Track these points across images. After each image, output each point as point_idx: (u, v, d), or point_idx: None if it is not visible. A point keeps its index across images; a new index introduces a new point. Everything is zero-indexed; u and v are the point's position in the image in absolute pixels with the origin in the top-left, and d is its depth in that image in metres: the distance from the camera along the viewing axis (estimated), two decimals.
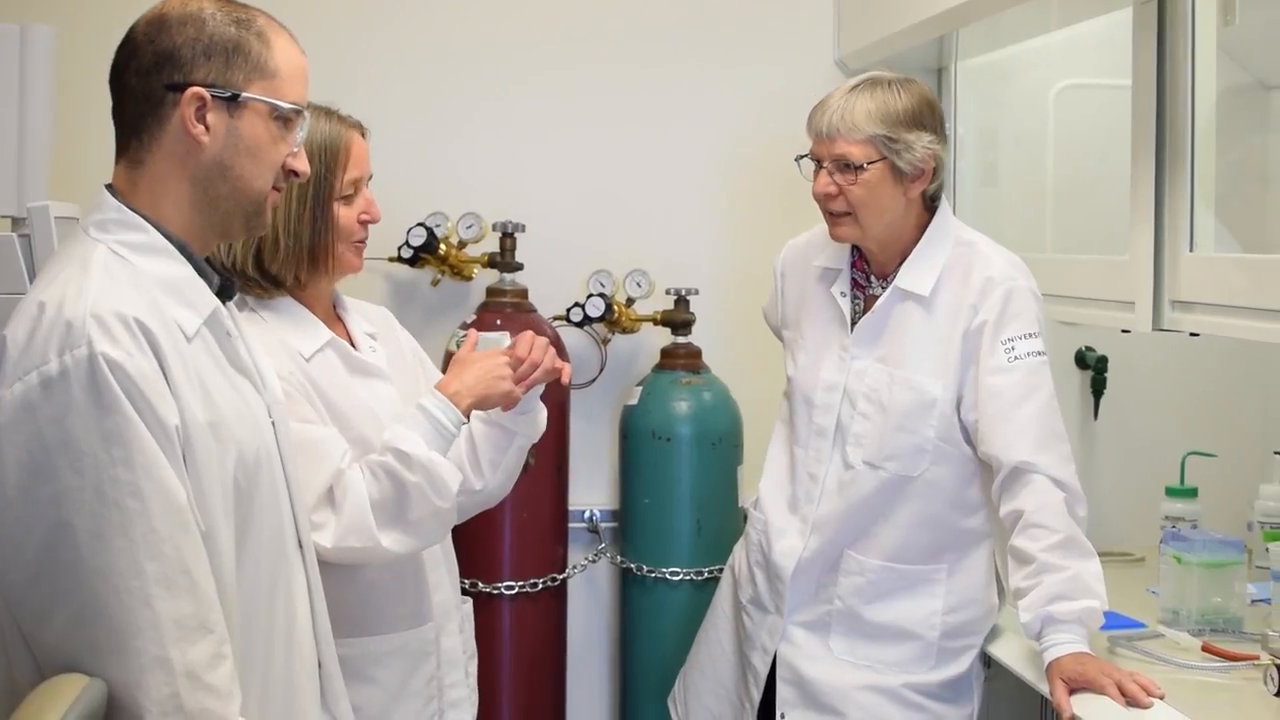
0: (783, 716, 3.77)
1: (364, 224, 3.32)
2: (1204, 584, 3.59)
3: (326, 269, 3.30)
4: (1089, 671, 3.22)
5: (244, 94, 2.43)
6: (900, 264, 3.68)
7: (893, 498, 3.66)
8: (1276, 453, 3.93)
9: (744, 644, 3.90)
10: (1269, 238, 3.81)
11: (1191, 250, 3.48)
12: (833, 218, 3.64)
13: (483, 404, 3.31)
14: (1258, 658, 3.31)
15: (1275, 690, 3.12)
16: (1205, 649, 3.44)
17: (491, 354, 3.35)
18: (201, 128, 2.41)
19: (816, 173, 3.63)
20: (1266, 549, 3.72)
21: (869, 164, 3.56)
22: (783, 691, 3.77)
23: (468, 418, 3.28)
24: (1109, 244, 3.84)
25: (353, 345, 3.40)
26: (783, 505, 3.83)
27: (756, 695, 3.84)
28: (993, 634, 3.70)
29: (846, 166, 3.58)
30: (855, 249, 3.77)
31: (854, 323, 3.73)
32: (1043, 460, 3.47)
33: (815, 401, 3.76)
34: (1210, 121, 3.57)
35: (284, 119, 2.49)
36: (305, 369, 3.26)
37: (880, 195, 3.59)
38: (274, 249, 3.26)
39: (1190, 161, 3.50)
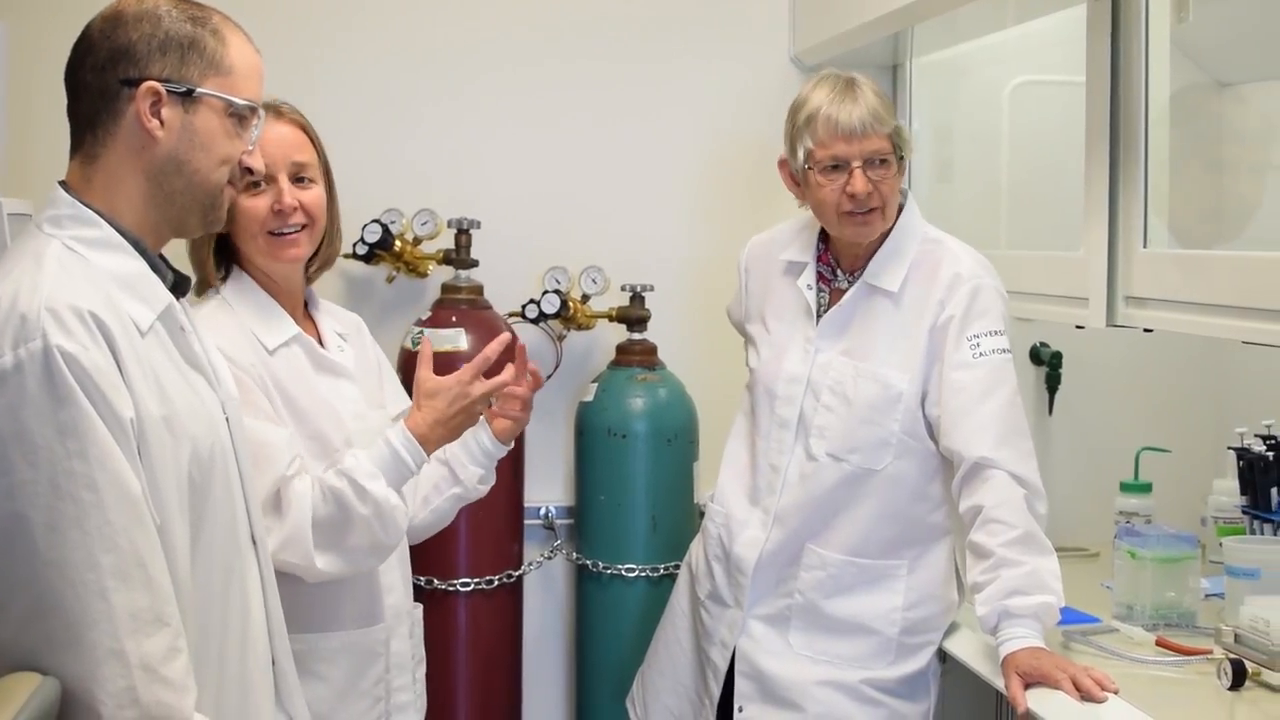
0: (740, 710, 3.77)
1: (279, 215, 3.28)
2: (1158, 579, 3.60)
3: (245, 261, 3.28)
4: (1044, 666, 3.22)
5: (199, 89, 2.44)
6: (869, 259, 3.72)
7: (855, 491, 3.68)
8: (1230, 448, 3.94)
9: (702, 639, 3.89)
10: (1222, 234, 3.83)
11: (1145, 246, 3.50)
12: (861, 217, 3.63)
13: (448, 441, 3.36)
14: (1211, 652, 3.33)
15: (1229, 684, 3.13)
16: (1159, 643, 3.45)
17: (458, 386, 3.33)
18: (156, 122, 2.41)
19: (848, 174, 3.59)
20: (1220, 544, 3.74)
21: (895, 158, 3.63)
22: (741, 685, 3.78)
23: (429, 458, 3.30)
24: (1063, 240, 3.85)
25: (321, 344, 3.40)
26: (743, 498, 3.85)
27: (716, 690, 3.85)
28: (949, 629, 3.70)
29: (880, 162, 3.60)
30: (822, 242, 3.82)
31: (820, 316, 3.76)
32: (1003, 456, 3.49)
33: (778, 393, 3.77)
34: (1164, 118, 3.58)
35: (238, 116, 2.49)
36: (268, 362, 3.26)
37: (896, 189, 3.68)
38: (194, 240, 3.25)
39: (1144, 158, 3.51)
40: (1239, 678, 3.13)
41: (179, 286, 2.54)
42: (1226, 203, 3.88)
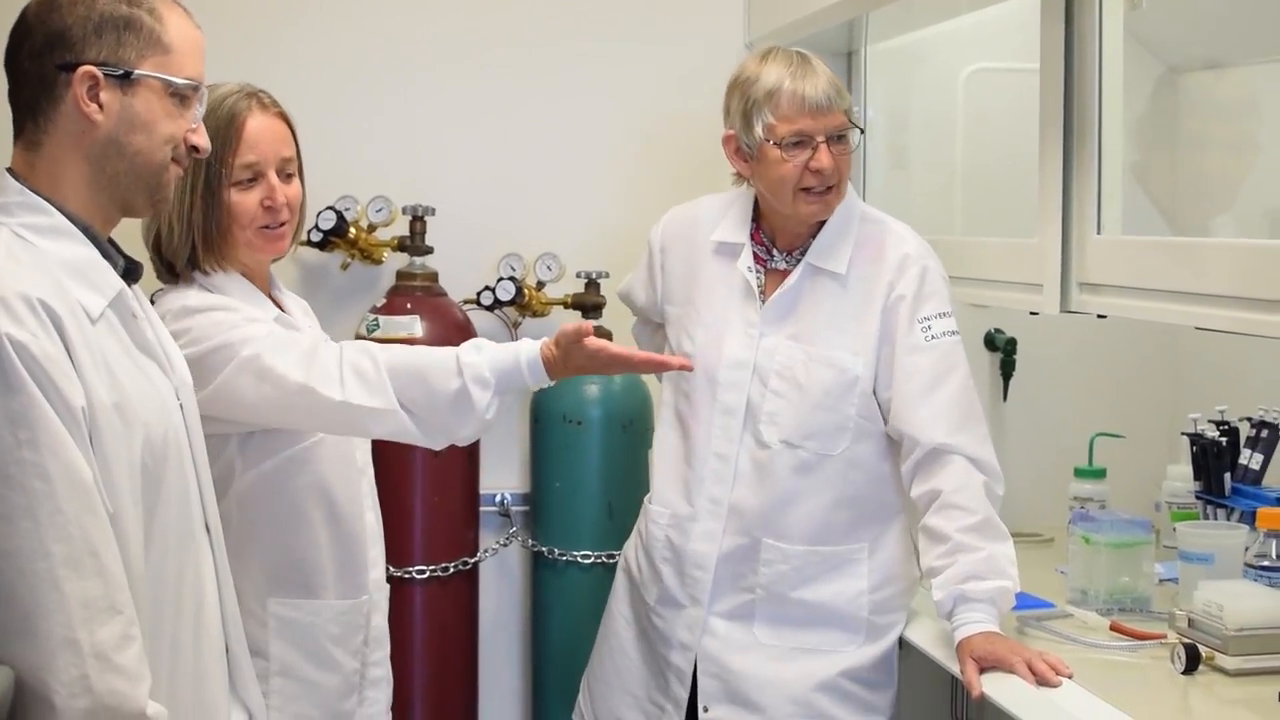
0: (705, 710, 3.68)
1: (268, 210, 3.28)
2: (1112, 564, 3.62)
3: (227, 256, 3.28)
4: (999, 650, 3.22)
5: (136, 71, 2.42)
6: (809, 238, 3.66)
7: (812, 478, 3.61)
8: (1184, 434, 3.96)
9: (657, 645, 3.77)
10: (1176, 221, 3.84)
11: (1099, 233, 3.50)
12: (819, 196, 3.57)
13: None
14: (1165, 636, 3.34)
15: (1183, 669, 3.14)
16: (1113, 628, 3.46)
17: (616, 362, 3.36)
18: (95, 106, 2.40)
19: (811, 149, 3.52)
20: (1174, 529, 3.75)
21: (853, 134, 3.59)
22: (706, 685, 3.68)
23: None
24: (1017, 227, 3.86)
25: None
26: (685, 492, 3.73)
27: (683, 694, 3.72)
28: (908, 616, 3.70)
29: (839, 138, 3.55)
30: (755, 221, 3.74)
31: (761, 298, 3.67)
32: (961, 441, 3.48)
33: (720, 379, 3.66)
34: (1118, 106, 3.59)
35: (180, 95, 2.48)
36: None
37: (850, 166, 3.64)
38: (169, 235, 3.25)
39: (1098, 145, 3.51)
40: (1192, 662, 3.15)
41: (131, 273, 2.53)
42: (1180, 190, 3.90)
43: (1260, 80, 3.71)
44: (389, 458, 4.44)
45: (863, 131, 3.59)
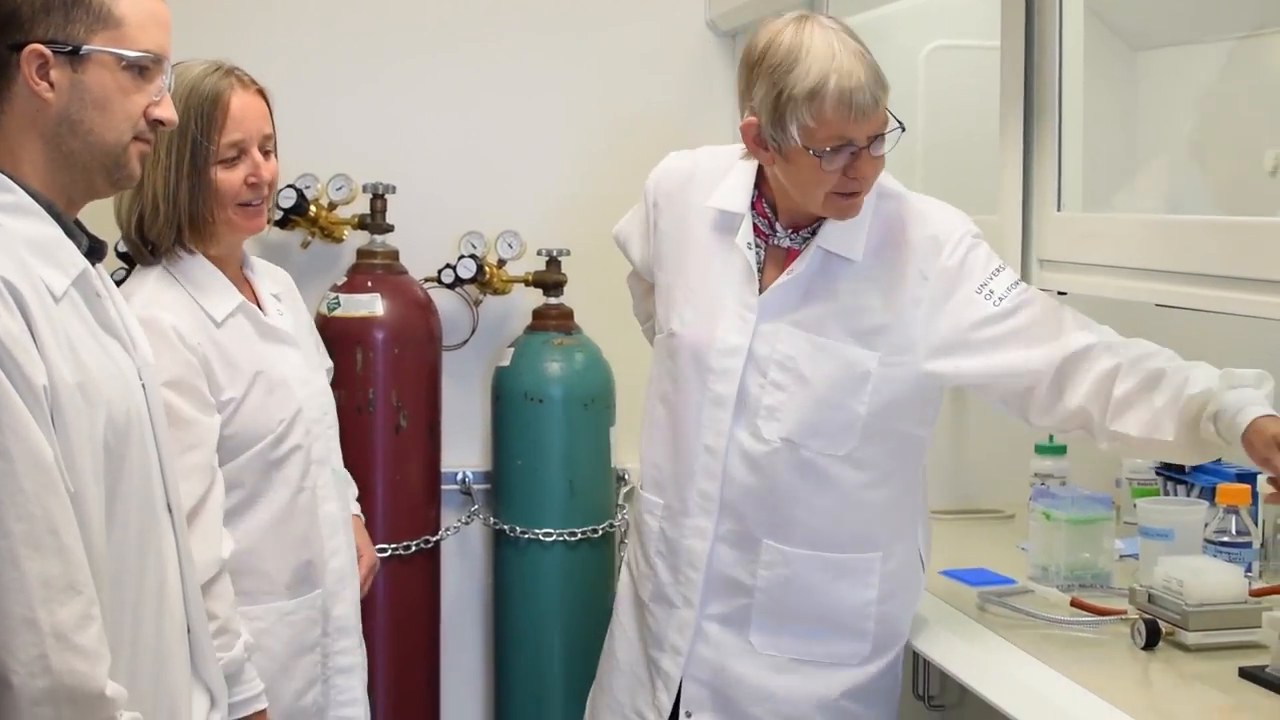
0: (688, 716, 3.43)
1: (252, 187, 3.29)
2: (1072, 540, 3.62)
3: (211, 235, 3.30)
4: None
5: (85, 47, 2.40)
6: (820, 219, 3.28)
7: (816, 479, 3.30)
8: None
9: (650, 647, 3.49)
10: (1136, 197, 3.85)
11: (1059, 210, 3.51)
12: (852, 199, 3.19)
13: None
14: (1125, 612, 3.35)
15: (1143, 644, 3.16)
16: (1074, 604, 3.47)
17: None
18: (45, 85, 2.38)
19: (850, 155, 3.10)
20: (1134, 505, 3.77)
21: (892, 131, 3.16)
22: (691, 691, 3.42)
23: None
24: (978, 203, 3.86)
25: (260, 307, 3.41)
26: (674, 482, 3.42)
27: (667, 702, 3.45)
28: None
29: (879, 138, 3.14)
30: (756, 188, 3.34)
31: (760, 274, 3.32)
32: (1091, 335, 3.22)
33: (711, 366, 3.32)
34: (1078, 83, 3.59)
35: (138, 68, 2.46)
36: (215, 335, 3.27)
37: None
38: (154, 215, 3.27)
39: (1058, 122, 3.52)
40: (1153, 637, 3.16)
41: (95, 252, 2.52)
42: (1140, 166, 3.91)
43: (1220, 58, 3.71)
44: (350, 436, 4.44)
45: (904, 129, 3.15)
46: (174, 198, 3.25)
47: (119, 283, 2.93)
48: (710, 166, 3.45)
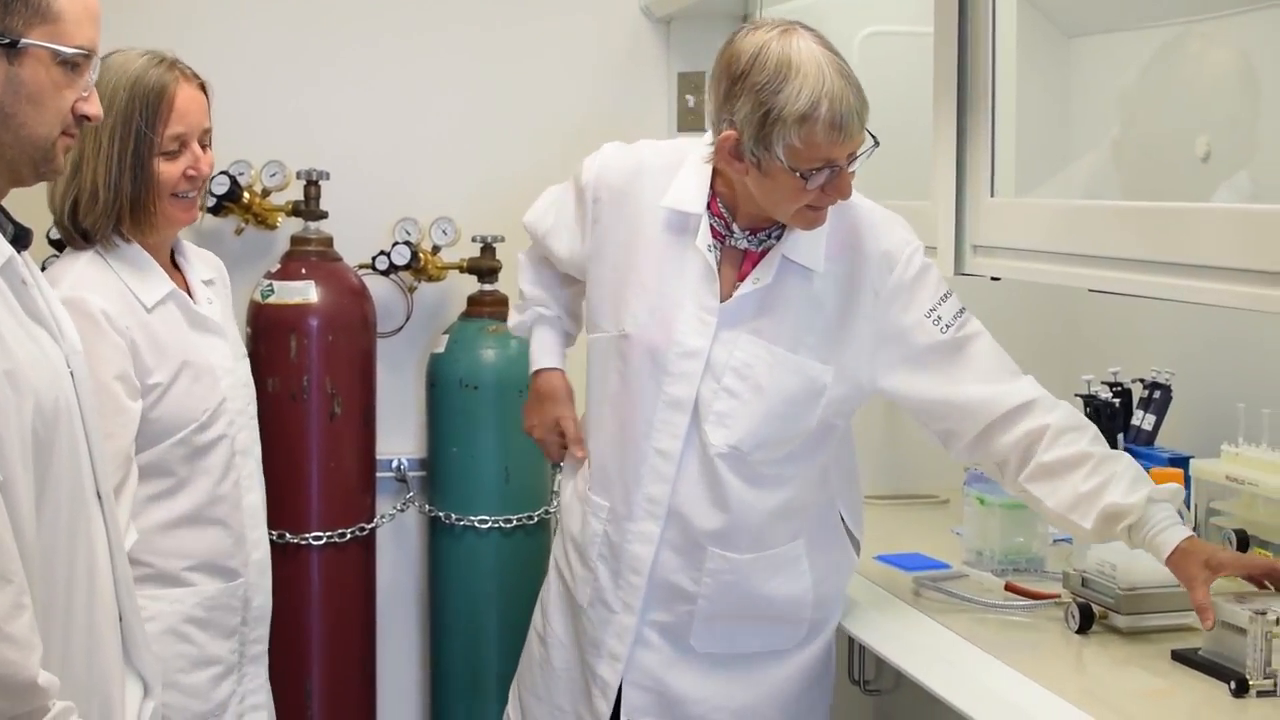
0: None
1: (190, 179, 3.32)
2: (1006, 525, 3.64)
3: (150, 224, 3.31)
4: (1228, 555, 3.04)
5: (23, 40, 2.38)
6: (778, 223, 3.23)
7: (763, 486, 3.28)
8: (1077, 395, 3.98)
9: (586, 653, 3.43)
10: (1068, 183, 3.86)
11: (992, 196, 3.52)
12: (822, 211, 3.15)
13: None
14: (1059, 596, 3.37)
15: (1077, 627, 3.18)
16: (1008, 588, 3.49)
17: None
18: None
19: (831, 172, 3.07)
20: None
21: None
22: (631, 697, 3.37)
23: None
24: (912, 189, 3.87)
25: (190, 295, 3.42)
26: (620, 485, 3.34)
27: (605, 710, 3.39)
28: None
29: (854, 156, 3.11)
30: (710, 188, 3.26)
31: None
32: (1035, 388, 3.26)
33: (668, 369, 3.24)
34: (1011, 69, 3.61)
35: (69, 63, 2.44)
36: (146, 320, 3.27)
37: None
38: (91, 203, 3.27)
39: (991, 108, 3.53)
40: (1086, 621, 3.18)
41: (20, 239, 2.50)
42: (1073, 152, 3.92)
43: (1152, 44, 3.73)
44: (284, 423, 4.44)
45: (878, 144, 3.13)
46: (115, 186, 3.27)
47: (43, 268, 2.93)
48: (657, 164, 3.34)
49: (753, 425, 3.23)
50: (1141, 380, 3.86)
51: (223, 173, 4.73)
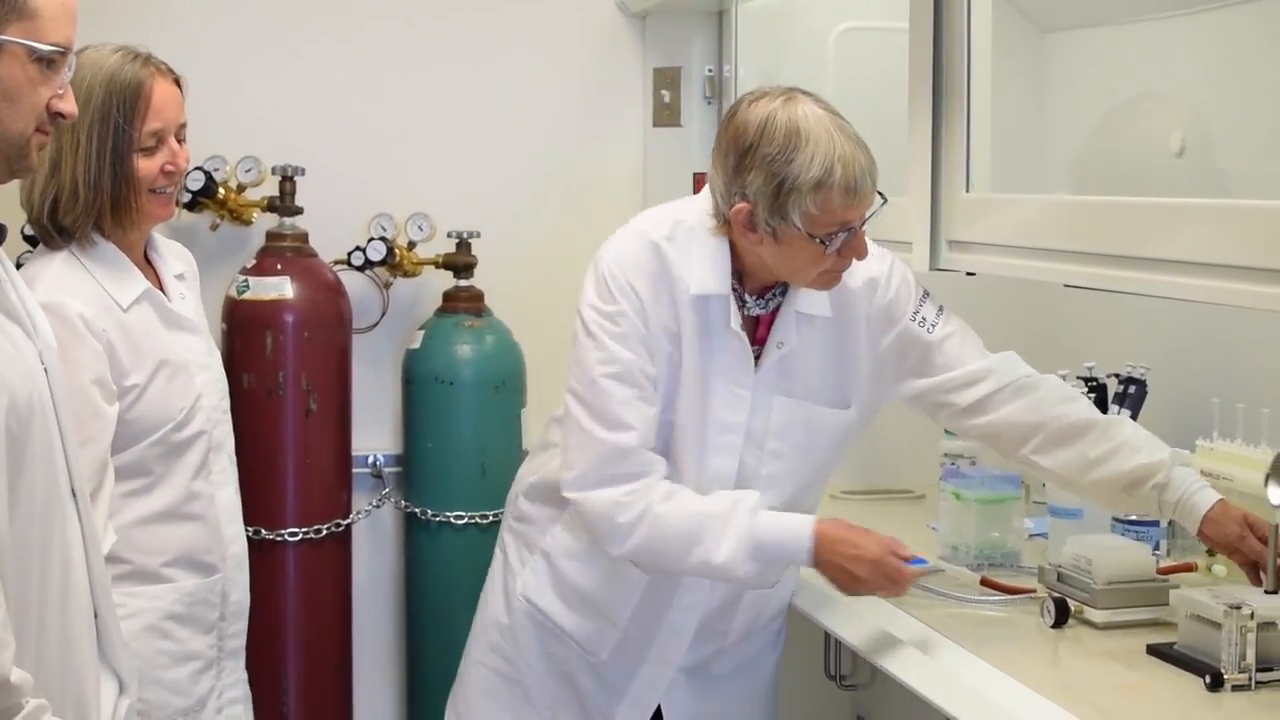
0: None
1: (168, 175, 3.33)
2: (982, 519, 3.65)
3: (130, 221, 3.31)
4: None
5: (1, 37, 2.37)
6: (784, 283, 3.24)
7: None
8: None
9: (595, 696, 3.41)
10: (1043, 179, 3.87)
11: (968, 191, 3.52)
12: (839, 272, 3.15)
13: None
14: (1035, 590, 3.37)
15: (1052, 622, 3.18)
16: (984, 583, 3.50)
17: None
18: None
19: (850, 238, 3.07)
20: (1043, 484, 3.79)
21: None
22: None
23: None
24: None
25: (163, 291, 3.41)
26: None
27: None
28: None
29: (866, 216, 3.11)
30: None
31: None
32: (1021, 363, 3.37)
33: (709, 442, 3.22)
34: (987, 64, 3.61)
35: (46, 60, 2.43)
36: (123, 320, 3.27)
37: None
38: (72, 201, 3.27)
39: (966, 104, 3.53)
40: (1062, 615, 3.18)
41: None
42: (1048, 147, 3.93)
43: (1127, 40, 3.74)
44: (260, 419, 4.44)
45: (885, 200, 3.13)
46: (95, 184, 3.27)
47: (18, 265, 2.92)
48: (670, 242, 3.21)
49: (801, 479, 3.30)
50: (1116, 375, 3.87)
51: (198, 168, 4.71)
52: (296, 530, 4.66)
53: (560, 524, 3.41)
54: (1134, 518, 3.50)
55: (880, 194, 3.10)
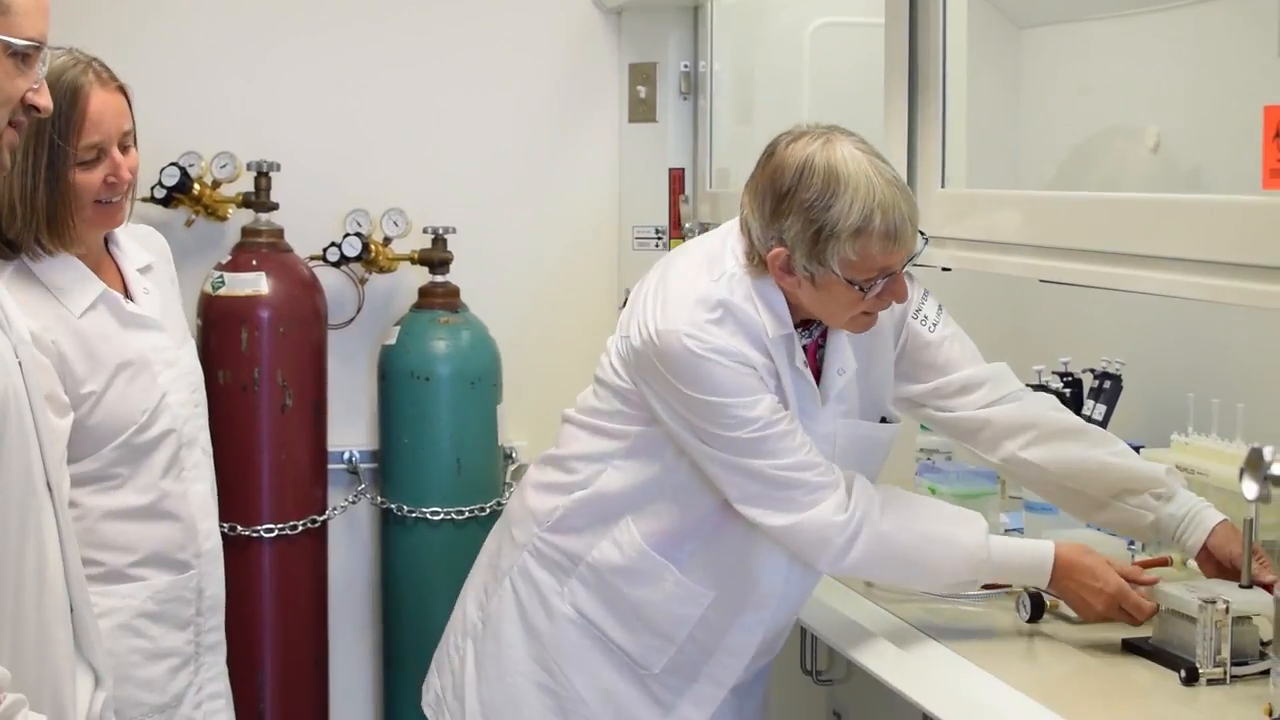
0: None
1: (111, 186, 3.24)
2: None
3: (70, 238, 3.23)
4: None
5: None
6: None
7: None
8: (1028, 385, 3.99)
9: (640, 707, 3.29)
10: (1019, 174, 3.88)
11: (944, 186, 3.53)
12: (874, 317, 3.10)
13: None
14: (1010, 585, 3.37)
15: (1028, 616, 3.18)
16: None
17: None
18: None
19: (890, 283, 3.01)
20: (1001, 470, 3.79)
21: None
22: None
23: None
24: None
25: (126, 288, 3.37)
26: (734, 579, 3.21)
27: None
28: None
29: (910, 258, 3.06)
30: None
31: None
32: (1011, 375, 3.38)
33: None
34: (962, 60, 3.61)
35: (20, 55, 2.42)
36: (77, 327, 3.22)
37: None
38: (10, 217, 3.19)
39: (942, 99, 3.54)
40: (1038, 610, 3.19)
41: None
42: (1023, 143, 3.93)
43: (1103, 35, 3.75)
44: (235, 415, 4.43)
45: (927, 240, 3.10)
46: (31, 201, 3.17)
47: None
48: (730, 300, 3.05)
49: None
50: (1092, 370, 3.87)
51: (173, 164, 4.71)
52: (272, 526, 4.66)
53: (608, 540, 3.25)
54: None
55: (922, 233, 3.05)
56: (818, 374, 3.16)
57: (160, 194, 4.71)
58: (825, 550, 3.05)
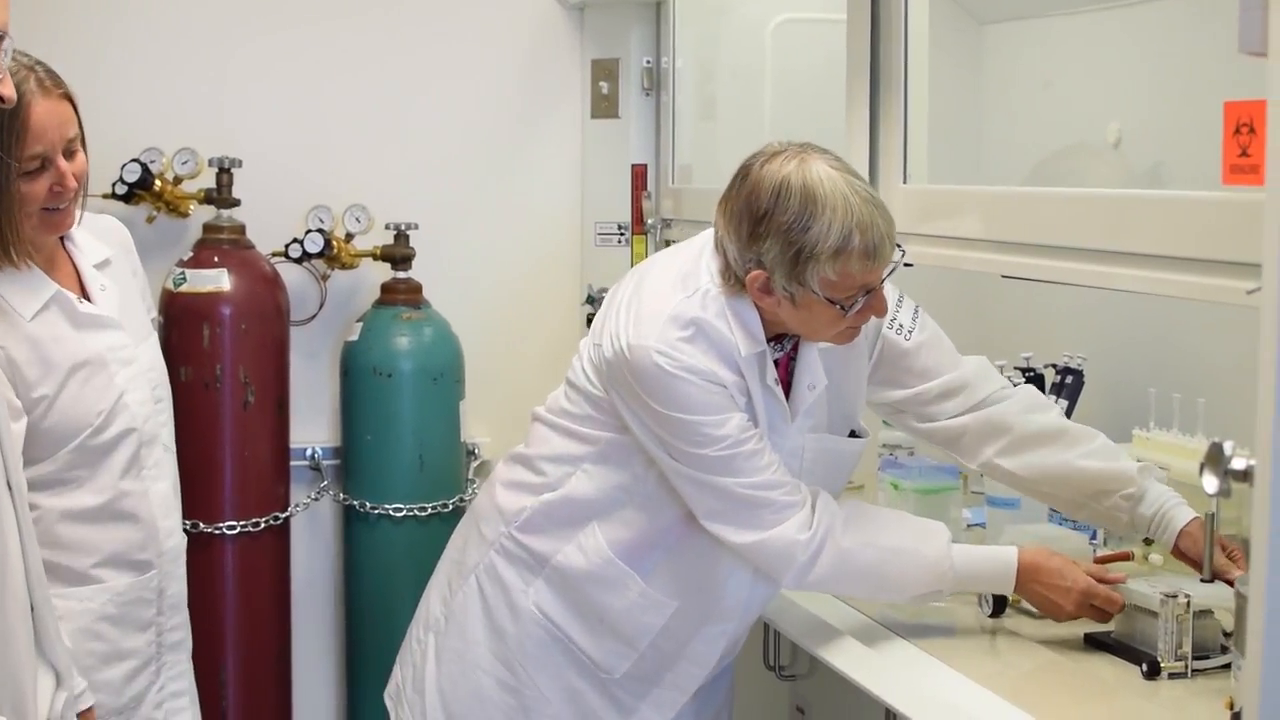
0: None
1: (57, 194, 3.17)
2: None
3: (19, 251, 3.17)
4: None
5: None
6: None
7: None
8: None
9: (603, 712, 3.29)
10: (981, 170, 3.88)
11: (905, 182, 3.53)
12: (856, 330, 3.10)
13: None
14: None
15: (990, 611, 3.19)
16: None
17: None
18: None
19: (870, 299, 2.99)
20: (981, 474, 3.80)
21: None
22: None
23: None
24: None
25: (82, 286, 3.33)
26: (698, 592, 3.21)
27: None
28: None
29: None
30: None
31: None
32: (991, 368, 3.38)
33: None
34: (924, 56, 3.62)
35: None
36: (28, 332, 3.18)
37: None
38: None
39: (904, 95, 3.54)
40: (1000, 605, 3.19)
41: None
42: (985, 138, 3.94)
43: (1064, 31, 3.76)
44: (197, 412, 4.42)
45: (904, 253, 3.08)
46: None
47: None
48: (705, 317, 3.03)
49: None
50: (1054, 365, 3.88)
51: (134, 160, 4.69)
52: (235, 523, 4.65)
53: (573, 545, 3.23)
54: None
55: (899, 245, 3.02)
56: (788, 389, 3.14)
57: (122, 190, 4.69)
58: (789, 567, 3.05)
